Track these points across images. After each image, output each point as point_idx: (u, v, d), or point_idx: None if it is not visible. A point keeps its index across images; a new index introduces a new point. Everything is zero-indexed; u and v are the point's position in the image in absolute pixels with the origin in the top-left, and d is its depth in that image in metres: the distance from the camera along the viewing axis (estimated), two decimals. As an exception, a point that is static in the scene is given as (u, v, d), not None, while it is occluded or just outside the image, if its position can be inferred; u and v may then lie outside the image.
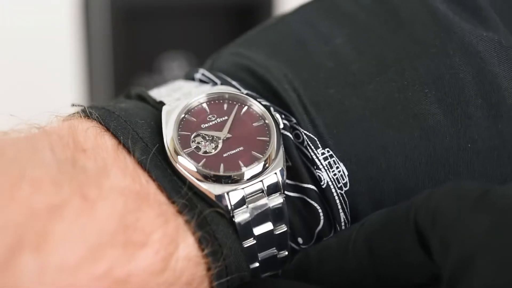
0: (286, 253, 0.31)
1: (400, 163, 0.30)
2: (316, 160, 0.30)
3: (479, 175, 0.31)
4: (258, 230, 0.29)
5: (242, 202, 0.29)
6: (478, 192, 0.25)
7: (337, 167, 0.30)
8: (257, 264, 0.30)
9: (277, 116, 0.31)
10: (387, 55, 0.32)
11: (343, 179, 0.30)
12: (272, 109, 0.31)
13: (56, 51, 1.04)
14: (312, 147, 0.30)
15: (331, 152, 0.30)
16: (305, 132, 0.31)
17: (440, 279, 0.25)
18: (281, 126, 0.31)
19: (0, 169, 0.26)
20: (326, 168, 0.30)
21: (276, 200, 0.29)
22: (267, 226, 0.29)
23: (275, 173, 0.29)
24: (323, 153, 0.30)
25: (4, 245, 0.24)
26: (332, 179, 0.30)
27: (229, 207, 0.29)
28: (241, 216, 0.29)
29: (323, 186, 0.30)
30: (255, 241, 0.29)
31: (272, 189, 0.29)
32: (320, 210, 0.31)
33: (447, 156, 0.31)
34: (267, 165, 0.29)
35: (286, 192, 0.30)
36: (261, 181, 0.29)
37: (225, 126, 0.31)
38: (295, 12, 0.36)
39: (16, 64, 1.02)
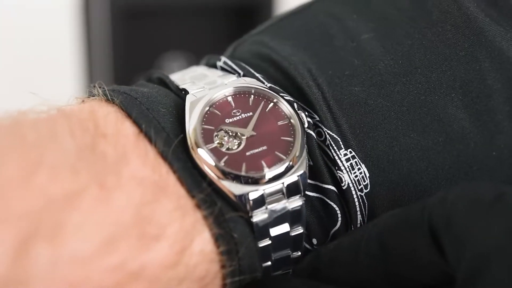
0: (300, 253, 0.30)
1: (422, 167, 0.30)
2: (338, 161, 0.30)
3: (502, 184, 0.30)
4: (274, 231, 0.29)
5: (261, 203, 0.28)
6: (494, 194, 0.24)
7: (359, 169, 0.30)
8: (269, 263, 0.29)
9: (302, 115, 0.30)
10: (414, 55, 0.31)
11: (364, 181, 0.30)
12: (295, 105, 0.30)
13: (56, 51, 1.03)
14: (335, 148, 0.30)
15: (353, 153, 0.30)
16: (328, 131, 0.30)
17: (450, 281, 0.25)
18: (306, 125, 0.30)
19: (20, 154, 0.25)
20: (348, 169, 0.30)
21: (296, 203, 0.29)
22: (284, 228, 0.29)
23: (297, 176, 0.29)
24: (345, 154, 0.30)
25: (19, 234, 0.24)
26: (353, 180, 0.30)
27: (248, 207, 0.28)
28: (259, 216, 0.28)
29: (344, 188, 0.30)
30: (270, 242, 0.29)
31: (293, 192, 0.29)
32: (338, 212, 0.30)
33: (471, 163, 0.30)
34: (289, 166, 0.29)
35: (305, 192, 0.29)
36: (282, 182, 0.28)
37: (250, 122, 0.30)
38: (322, 0, 0.34)
39: (16, 64, 1.01)
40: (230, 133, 0.29)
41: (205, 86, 0.31)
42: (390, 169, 0.30)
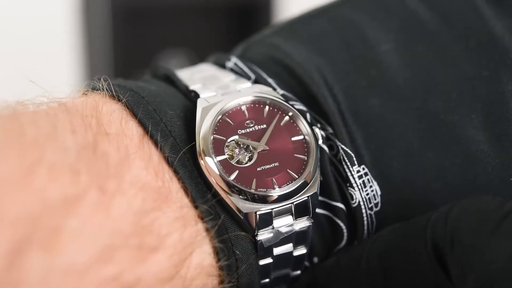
0: (299, 272, 0.28)
1: (437, 188, 0.28)
2: (351, 177, 0.28)
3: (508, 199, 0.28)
4: (278, 250, 0.27)
5: (268, 222, 0.26)
6: (500, 214, 0.23)
7: (371, 186, 0.28)
8: (267, 280, 0.28)
9: (317, 130, 0.28)
10: (436, 71, 0.28)
11: (375, 199, 0.28)
12: (308, 115, 0.28)
13: (56, 50, 1.02)
14: (348, 164, 0.28)
15: (366, 170, 0.28)
16: (342, 146, 0.28)
17: None
18: (320, 141, 0.28)
19: (18, 152, 0.23)
20: (360, 187, 0.28)
21: (303, 224, 0.27)
22: (288, 247, 0.27)
23: (307, 196, 0.27)
24: (358, 171, 0.28)
25: (12, 240, 0.21)
26: (364, 198, 0.28)
27: (254, 226, 0.26)
28: (265, 235, 0.26)
29: (354, 205, 0.28)
30: (271, 260, 0.27)
31: (301, 212, 0.27)
32: (344, 230, 0.28)
33: (488, 187, 0.28)
34: (300, 186, 0.27)
35: None
36: (292, 202, 0.26)
37: (263, 136, 0.27)
38: (341, 5, 0.32)
39: (16, 64, 1.00)
40: (242, 145, 0.27)
41: (217, 90, 0.28)
42: (403, 188, 0.28)
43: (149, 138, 0.26)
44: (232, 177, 0.26)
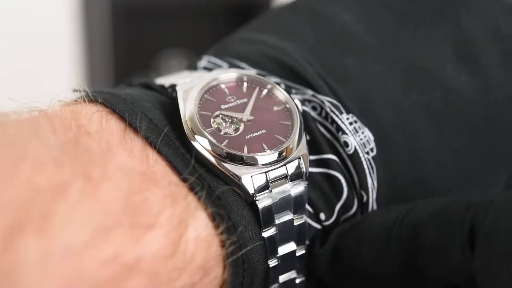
0: (304, 251, 0.28)
1: (426, 125, 0.29)
2: (342, 125, 0.28)
3: (503, 134, 0.30)
4: (279, 219, 0.27)
5: (266, 187, 0.27)
6: None
7: (363, 132, 0.28)
8: (276, 262, 0.28)
9: (294, 96, 0.29)
10: (401, 28, 0.30)
11: (370, 144, 0.28)
12: (283, 85, 0.29)
13: (56, 50, 1.02)
14: (336, 113, 0.28)
15: (355, 118, 0.28)
16: (327, 98, 0.29)
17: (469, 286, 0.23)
18: (299, 106, 0.29)
19: (2, 148, 0.23)
20: (352, 132, 0.28)
21: (298, 187, 0.27)
22: (288, 215, 0.27)
23: (299, 158, 0.27)
24: (347, 118, 0.28)
25: (5, 225, 0.21)
26: (359, 143, 0.28)
27: (253, 191, 0.26)
28: (264, 201, 0.26)
29: (351, 152, 0.28)
30: (275, 231, 0.27)
31: (296, 175, 0.27)
32: (343, 180, 0.29)
33: (473, 114, 0.29)
34: (291, 149, 0.27)
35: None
36: (285, 166, 0.27)
37: (246, 108, 0.28)
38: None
39: (16, 64, 1.00)
40: (227, 119, 0.28)
41: (194, 79, 0.29)
42: (392, 130, 0.29)
43: (130, 129, 0.27)
44: (223, 146, 0.27)
